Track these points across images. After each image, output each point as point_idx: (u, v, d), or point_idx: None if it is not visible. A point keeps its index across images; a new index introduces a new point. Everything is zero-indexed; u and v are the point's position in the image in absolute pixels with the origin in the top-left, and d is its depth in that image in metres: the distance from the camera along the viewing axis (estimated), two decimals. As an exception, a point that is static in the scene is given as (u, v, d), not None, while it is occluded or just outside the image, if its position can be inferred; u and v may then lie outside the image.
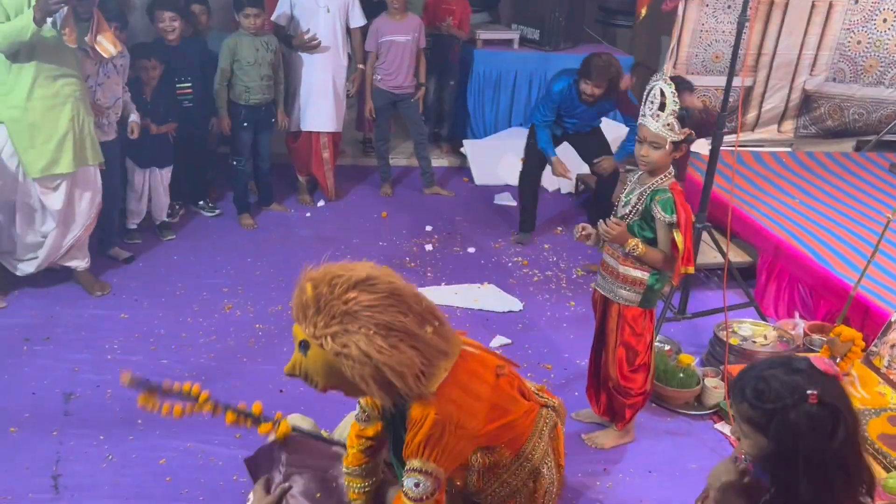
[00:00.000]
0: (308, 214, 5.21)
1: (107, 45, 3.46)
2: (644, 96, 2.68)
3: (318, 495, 2.12)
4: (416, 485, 1.83)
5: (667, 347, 3.60)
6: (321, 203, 5.34)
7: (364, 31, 5.16)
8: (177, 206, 4.82)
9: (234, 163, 4.83)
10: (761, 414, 1.57)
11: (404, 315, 1.76)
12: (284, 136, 5.24)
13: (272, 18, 4.88)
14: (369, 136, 6.02)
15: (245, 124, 4.72)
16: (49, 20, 3.26)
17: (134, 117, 4.15)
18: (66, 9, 3.25)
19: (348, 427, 2.48)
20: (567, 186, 5.88)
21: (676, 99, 2.62)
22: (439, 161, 6.18)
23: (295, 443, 2.26)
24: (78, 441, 2.88)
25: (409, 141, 5.87)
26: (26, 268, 3.81)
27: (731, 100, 3.62)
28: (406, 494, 1.85)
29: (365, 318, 1.71)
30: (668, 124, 2.63)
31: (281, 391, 3.24)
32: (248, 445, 2.88)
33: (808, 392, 1.52)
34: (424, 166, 5.60)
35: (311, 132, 5.11)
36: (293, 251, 4.59)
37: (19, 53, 3.34)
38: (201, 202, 4.96)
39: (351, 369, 1.73)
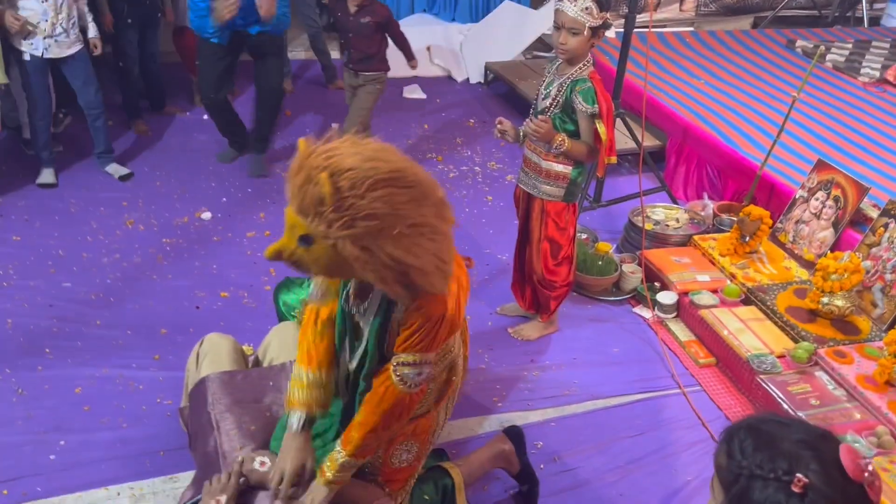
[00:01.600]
0: (205, 117, 4.88)
1: None
2: None
3: (253, 428, 2.03)
4: (419, 374, 1.77)
5: (584, 236, 3.63)
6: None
7: None
8: (60, 115, 4.43)
9: (121, 64, 4.45)
10: (731, 469, 1.22)
11: (429, 209, 1.58)
12: (171, 32, 4.85)
13: None
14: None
15: (129, 20, 4.31)
16: None
17: (93, 33, 3.90)
18: None
19: (273, 341, 2.40)
20: (476, 76, 5.74)
21: None
22: (337, 55, 5.89)
23: (220, 382, 2.14)
24: (-19, 376, 2.70)
25: (305, 33, 5.54)
26: None
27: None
28: (405, 383, 1.77)
29: (392, 219, 1.51)
30: (587, 8, 2.53)
31: (197, 307, 3.12)
32: (167, 366, 2.80)
33: (798, 475, 1.14)
34: (325, 61, 5.35)
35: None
36: (193, 158, 4.35)
37: None
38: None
39: (371, 271, 1.55)
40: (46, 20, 3.61)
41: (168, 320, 3.02)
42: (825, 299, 2.93)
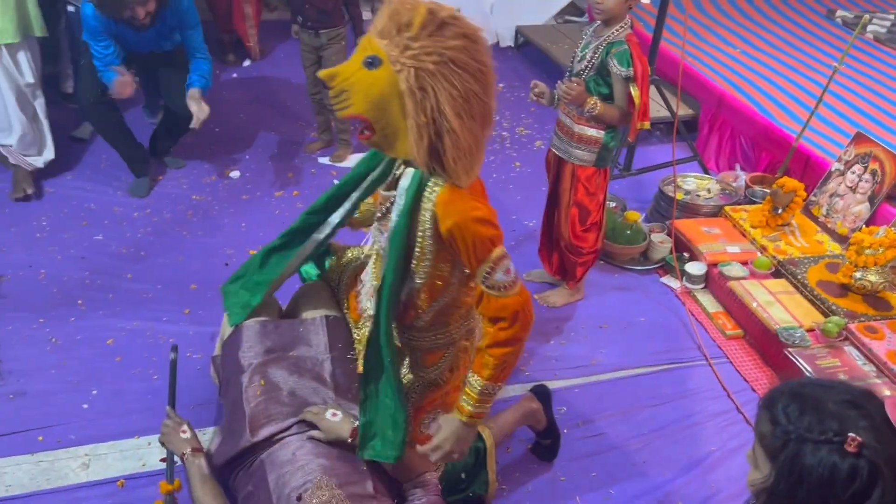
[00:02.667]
0: (234, 75, 4.91)
1: None
2: None
3: (279, 378, 2.03)
4: (506, 271, 1.69)
5: (613, 205, 3.60)
6: (247, 63, 5.03)
7: None
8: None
9: None
10: (777, 436, 1.20)
11: (485, 99, 1.59)
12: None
13: None
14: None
15: None
16: None
17: None
18: None
19: (302, 300, 2.40)
20: (507, 39, 5.67)
21: None
22: (369, 15, 5.84)
23: (254, 330, 2.11)
24: (16, 325, 2.74)
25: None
26: (38, 161, 3.53)
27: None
28: (500, 288, 1.69)
29: (459, 76, 1.52)
30: None
31: (226, 264, 3.14)
32: (197, 321, 2.83)
33: (850, 434, 1.13)
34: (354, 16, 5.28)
35: (230, -17, 4.70)
36: (221, 115, 4.34)
37: None
38: None
39: (414, 115, 1.55)
40: None
41: (198, 276, 3.05)
42: (858, 274, 2.89)
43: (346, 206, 2.01)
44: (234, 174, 3.80)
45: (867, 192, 3.24)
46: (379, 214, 1.85)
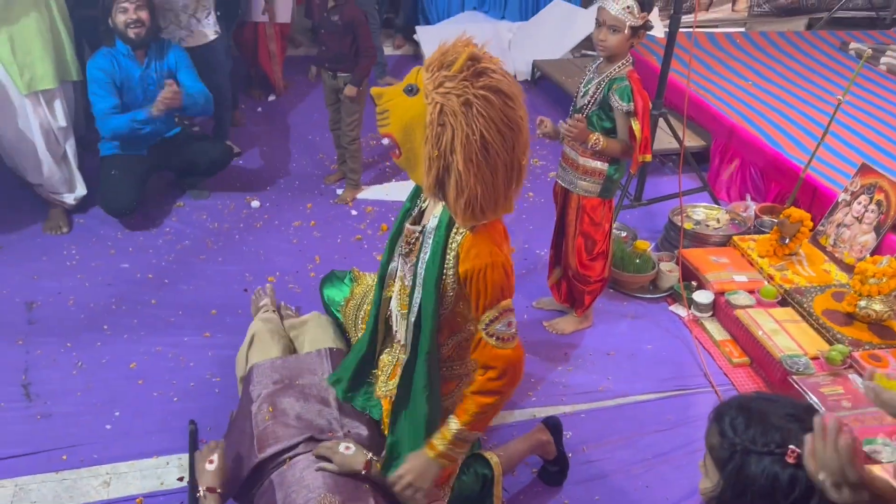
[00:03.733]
0: (259, 109, 5.07)
1: None
2: None
3: (286, 405, 2.13)
4: (508, 324, 1.81)
5: (623, 234, 3.68)
6: (272, 97, 5.20)
7: None
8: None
9: None
10: (724, 447, 1.29)
11: (506, 151, 1.69)
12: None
13: None
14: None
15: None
16: None
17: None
18: None
19: (307, 333, 2.52)
20: (524, 73, 5.80)
21: None
22: (391, 51, 6.02)
23: (264, 368, 2.28)
24: (45, 349, 2.88)
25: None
26: (70, 197, 3.65)
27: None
28: (499, 338, 1.81)
29: (478, 122, 1.64)
30: (628, 7, 2.59)
31: (245, 290, 3.25)
32: (216, 344, 2.94)
33: (791, 447, 1.21)
34: (378, 56, 5.45)
35: (256, 22, 4.89)
36: (244, 147, 4.50)
37: None
38: None
39: (430, 142, 1.67)
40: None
41: (218, 302, 3.17)
42: (863, 303, 2.93)
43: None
44: (255, 203, 3.94)
45: (873, 223, 3.29)
46: (406, 249, 1.96)
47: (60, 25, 3.43)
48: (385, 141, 1.82)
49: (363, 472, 1.90)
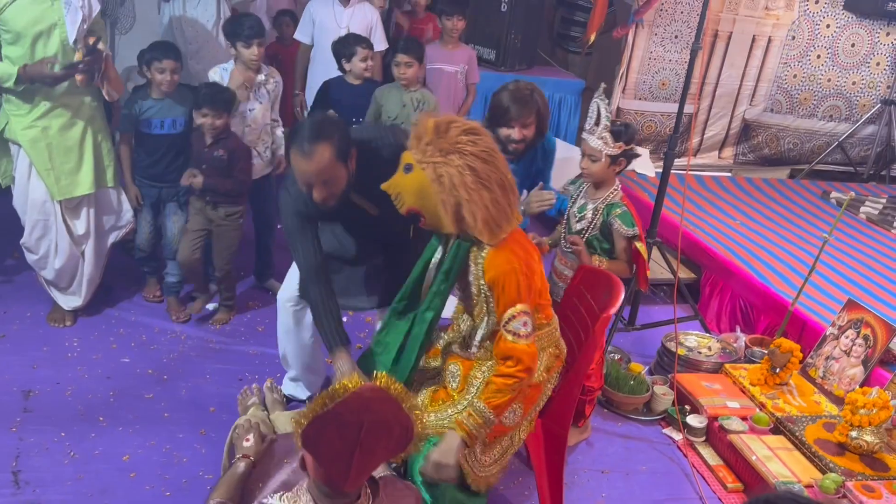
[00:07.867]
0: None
1: (111, 91, 3.36)
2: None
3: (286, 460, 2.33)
4: (524, 324, 2.16)
5: (617, 357, 3.75)
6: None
7: (385, 56, 4.74)
8: None
9: None
10: None
11: (493, 173, 2.11)
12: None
13: (295, 36, 4.62)
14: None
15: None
16: (70, 43, 3.18)
17: (282, 151, 3.87)
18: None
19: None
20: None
21: (609, 114, 2.83)
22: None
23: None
24: (38, 437, 2.85)
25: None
26: (72, 301, 3.63)
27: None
28: (517, 334, 2.16)
29: (462, 159, 2.07)
30: (602, 138, 2.83)
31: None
32: (211, 441, 2.92)
33: None
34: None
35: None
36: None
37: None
38: None
39: (439, 194, 2.09)
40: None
41: (216, 399, 3.18)
42: (854, 433, 2.98)
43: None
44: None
45: (860, 356, 3.39)
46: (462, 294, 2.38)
47: (101, 135, 3.51)
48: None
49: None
